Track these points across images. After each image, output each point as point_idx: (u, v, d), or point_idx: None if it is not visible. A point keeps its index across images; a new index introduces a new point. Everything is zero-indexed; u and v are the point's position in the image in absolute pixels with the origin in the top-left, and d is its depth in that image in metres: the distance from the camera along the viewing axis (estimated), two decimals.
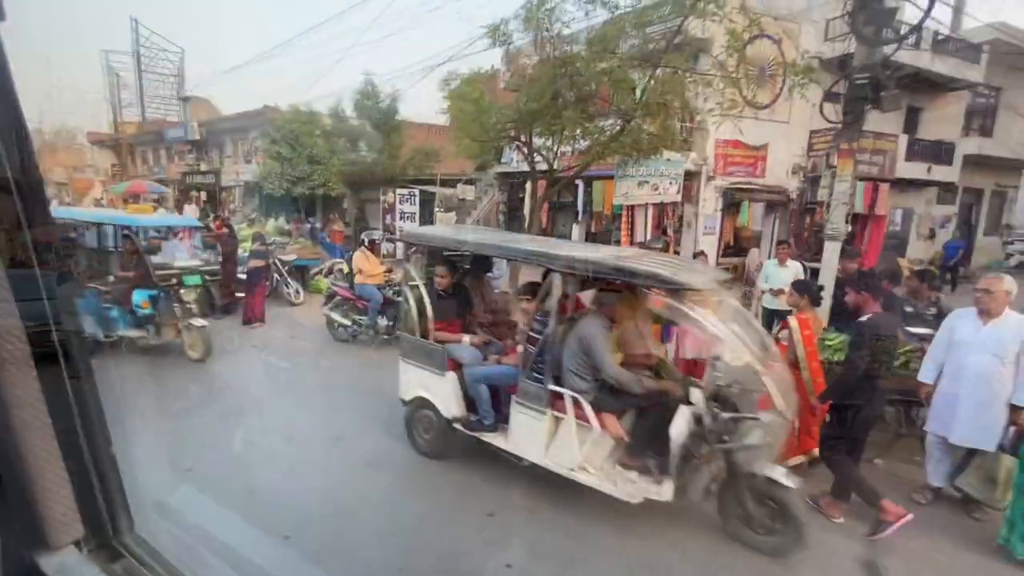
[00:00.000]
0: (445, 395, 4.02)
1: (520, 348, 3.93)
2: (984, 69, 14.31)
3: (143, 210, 6.62)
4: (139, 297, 5.90)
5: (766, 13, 9.14)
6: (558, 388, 3.44)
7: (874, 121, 9.17)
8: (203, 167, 24.87)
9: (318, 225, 15.93)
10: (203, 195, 24.61)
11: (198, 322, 6.09)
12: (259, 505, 3.44)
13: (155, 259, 6.31)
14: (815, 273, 6.76)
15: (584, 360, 3.38)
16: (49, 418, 0.76)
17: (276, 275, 9.61)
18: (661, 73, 7.74)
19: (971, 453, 3.60)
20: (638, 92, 7.66)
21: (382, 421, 4.87)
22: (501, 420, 3.85)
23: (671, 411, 3.21)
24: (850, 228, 6.73)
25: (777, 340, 4.18)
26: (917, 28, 4.78)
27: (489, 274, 8.67)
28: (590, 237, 14.28)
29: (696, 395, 3.19)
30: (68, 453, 0.79)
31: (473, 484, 3.88)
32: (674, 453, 3.09)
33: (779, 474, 3.06)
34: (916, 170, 14.04)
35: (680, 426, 3.10)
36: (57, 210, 7.13)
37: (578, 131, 8.15)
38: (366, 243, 7.33)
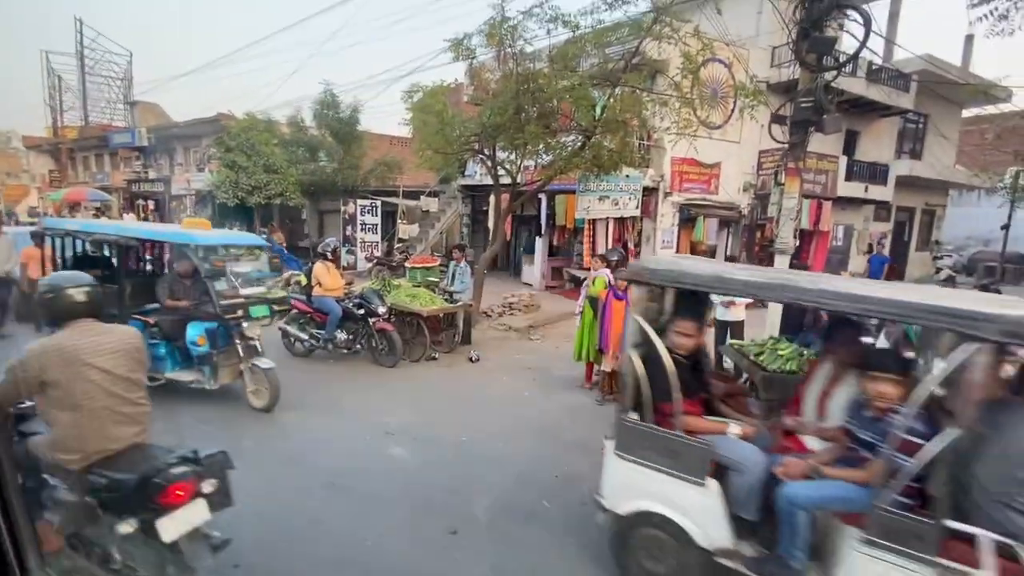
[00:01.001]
0: (703, 514, 2.71)
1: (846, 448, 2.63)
2: (913, 97, 15.50)
3: (199, 224, 5.62)
4: (194, 332, 4.94)
5: (718, 38, 9.60)
6: (967, 528, 2.14)
7: (817, 143, 9.76)
8: (151, 175, 23.74)
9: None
10: (151, 204, 23.47)
11: (264, 363, 5.07)
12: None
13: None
14: None
15: None
16: None
17: None
18: (620, 92, 7.98)
19: None
20: (598, 109, 7.86)
21: (343, 440, 4.71)
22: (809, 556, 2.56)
23: None
24: (797, 243, 7.07)
25: None
26: (855, 57, 5.13)
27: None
28: (552, 249, 14.47)
29: None
30: None
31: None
32: None
33: None
34: (855, 189, 14.98)
35: None
36: (91, 224, 5.92)
37: (540, 146, 8.27)
38: (329, 255, 7.12)
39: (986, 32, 6.24)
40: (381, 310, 6.94)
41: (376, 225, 16.06)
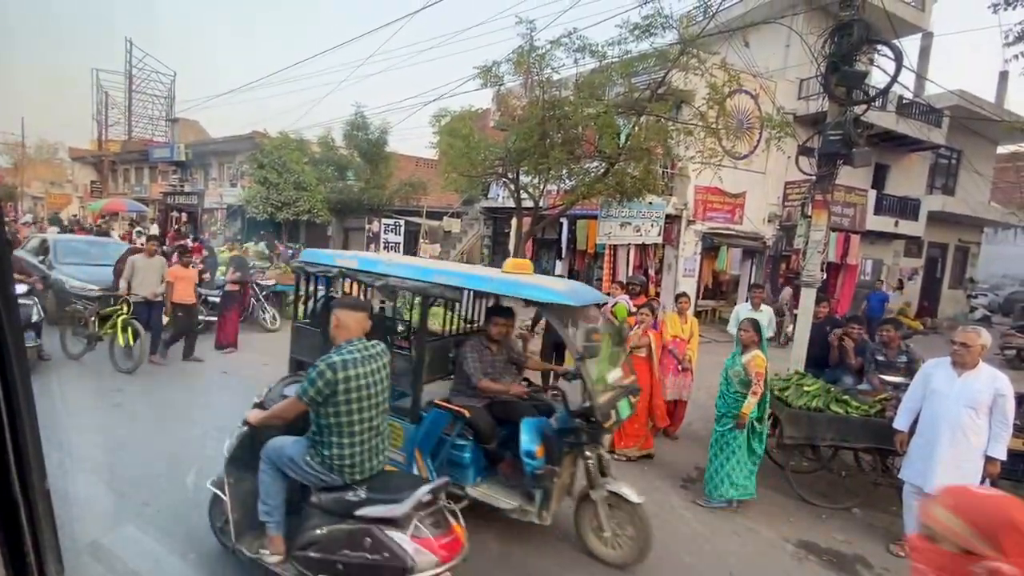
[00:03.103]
0: None
1: None
2: (945, 132, 15.25)
3: (520, 267, 3.74)
4: (531, 435, 3.22)
5: (744, 70, 9.65)
6: None
7: (845, 175, 9.63)
8: (187, 188, 24.67)
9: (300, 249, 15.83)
10: (184, 216, 24.32)
11: (628, 493, 3.25)
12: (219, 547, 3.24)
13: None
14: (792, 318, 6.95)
15: None
16: None
17: (253, 299, 9.42)
18: (645, 120, 8.05)
19: None
20: (622, 137, 7.93)
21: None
22: None
23: None
24: (824, 276, 6.93)
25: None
26: (885, 91, 5.09)
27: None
28: (572, 274, 14.45)
29: None
30: None
31: None
32: None
33: None
34: (884, 223, 14.68)
35: None
36: (377, 262, 3.87)
37: (564, 171, 8.36)
38: None
39: (1021, 72, 6.12)
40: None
41: (399, 244, 16.29)
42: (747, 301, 6.19)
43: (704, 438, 5.87)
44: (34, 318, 5.98)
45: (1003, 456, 3.41)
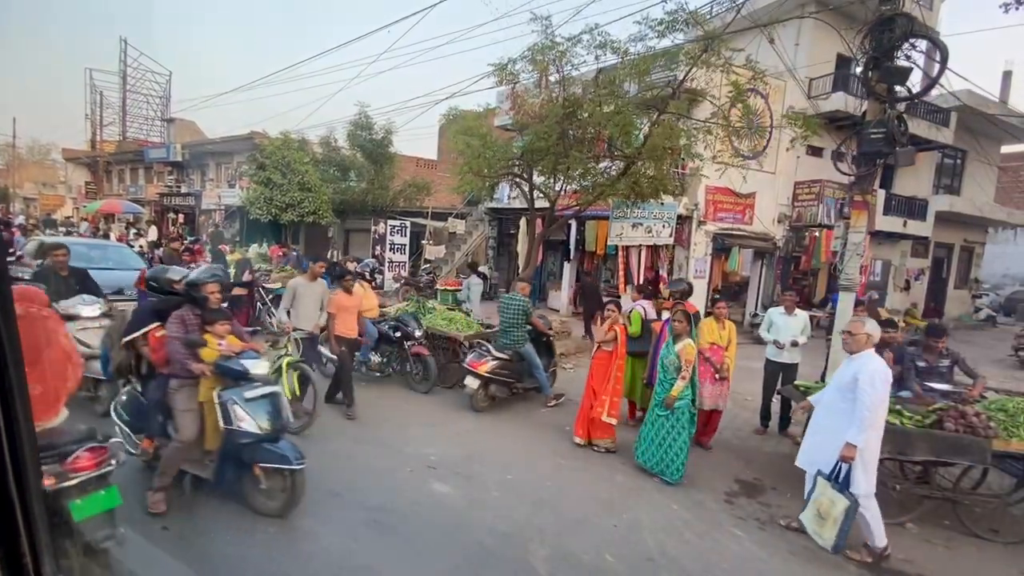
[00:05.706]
0: None
1: None
2: (952, 132, 15.17)
3: None
4: None
5: (767, 68, 9.45)
6: None
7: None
8: (183, 189, 24.28)
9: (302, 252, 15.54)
10: (181, 217, 23.94)
11: None
12: (230, 562, 3.01)
13: None
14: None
15: None
16: None
17: (259, 303, 9.15)
18: (664, 119, 7.86)
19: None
20: (641, 136, 7.74)
21: (385, 472, 4.46)
22: None
23: None
24: (863, 279, 6.76)
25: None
26: (931, 87, 4.92)
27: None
28: (581, 275, 14.26)
29: None
30: None
31: None
32: None
33: None
34: (893, 223, 14.58)
35: None
36: None
37: (579, 171, 8.15)
38: (366, 275, 6.98)
39: None
40: (417, 333, 6.75)
41: (404, 245, 16.06)
42: (779, 305, 6.01)
43: (737, 448, 5.70)
44: None
45: (855, 441, 3.35)
